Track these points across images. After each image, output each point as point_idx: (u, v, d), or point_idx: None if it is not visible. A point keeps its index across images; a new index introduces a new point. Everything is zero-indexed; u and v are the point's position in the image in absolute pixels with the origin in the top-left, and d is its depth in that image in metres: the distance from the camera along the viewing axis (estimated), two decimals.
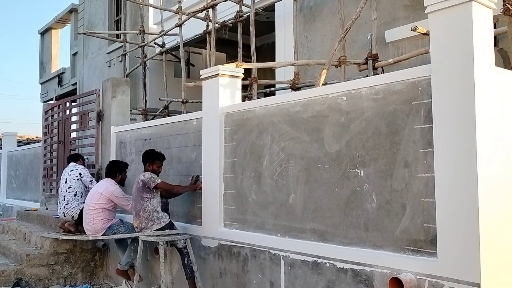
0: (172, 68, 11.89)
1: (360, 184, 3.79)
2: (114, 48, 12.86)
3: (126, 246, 6.16)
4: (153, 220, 5.37)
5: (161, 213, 5.45)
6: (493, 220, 3.10)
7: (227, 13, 8.81)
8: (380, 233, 3.64)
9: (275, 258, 4.47)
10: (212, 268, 5.28)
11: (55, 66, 19.90)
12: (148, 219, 5.38)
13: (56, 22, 19.45)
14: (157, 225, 5.37)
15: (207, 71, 5.52)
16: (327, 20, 7.47)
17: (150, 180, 5.42)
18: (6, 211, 13.29)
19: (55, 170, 9.43)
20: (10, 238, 8.38)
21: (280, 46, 8.23)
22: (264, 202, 4.69)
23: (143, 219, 5.39)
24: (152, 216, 5.37)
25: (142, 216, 5.39)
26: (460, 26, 3.13)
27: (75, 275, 7.09)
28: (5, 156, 14.17)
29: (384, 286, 3.50)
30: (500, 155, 3.22)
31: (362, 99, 3.83)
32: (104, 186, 6.18)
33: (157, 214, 5.39)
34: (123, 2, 12.74)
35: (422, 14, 3.94)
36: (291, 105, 4.46)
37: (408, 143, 3.48)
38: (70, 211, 6.74)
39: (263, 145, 4.73)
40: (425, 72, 3.39)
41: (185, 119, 6.14)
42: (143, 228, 5.42)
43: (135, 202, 5.47)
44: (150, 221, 5.38)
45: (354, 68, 6.32)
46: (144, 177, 5.45)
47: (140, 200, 5.41)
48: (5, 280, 6.49)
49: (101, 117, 7.98)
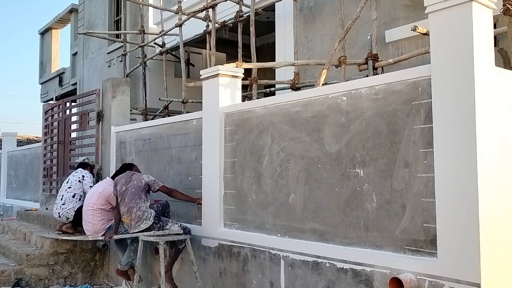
0: (172, 68, 11.89)
1: (360, 184, 3.79)
2: (114, 48, 12.86)
3: (126, 246, 6.15)
4: (143, 220, 5.42)
5: (149, 213, 5.50)
6: (493, 220, 3.10)
7: (227, 13, 8.81)
8: (380, 233, 3.64)
9: (275, 258, 4.47)
10: (212, 268, 5.28)
11: (55, 66, 19.90)
12: (140, 218, 5.42)
13: (56, 22, 19.44)
14: (145, 225, 5.41)
15: (207, 71, 5.52)
16: (327, 20, 7.47)
17: (154, 182, 5.55)
18: (6, 211, 13.28)
19: (55, 170, 9.43)
20: (10, 238, 8.38)
21: (280, 46, 8.23)
22: (264, 202, 4.69)
23: (134, 216, 5.41)
24: (144, 216, 5.43)
25: (135, 214, 5.41)
26: (460, 26, 3.13)
27: (75, 275, 7.09)
28: (5, 156, 14.17)
29: (384, 286, 3.50)
30: (500, 155, 3.22)
31: (362, 99, 3.83)
32: (103, 187, 6.15)
33: (148, 215, 5.46)
34: (123, 2, 12.75)
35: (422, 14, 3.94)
36: (291, 105, 4.46)
37: (408, 143, 3.48)
38: (65, 212, 6.67)
39: (263, 145, 4.73)
40: (425, 72, 3.39)
41: (185, 119, 6.14)
42: (132, 226, 5.44)
43: (129, 199, 5.46)
44: (140, 220, 5.42)
45: (354, 68, 6.32)
46: (148, 178, 5.56)
47: (137, 198, 5.44)
48: (5, 280, 6.49)
49: (101, 117, 7.98)
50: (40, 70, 20.54)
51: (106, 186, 6.14)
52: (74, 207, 6.65)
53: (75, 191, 6.79)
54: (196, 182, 5.73)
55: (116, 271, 6.23)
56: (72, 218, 6.64)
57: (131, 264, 5.99)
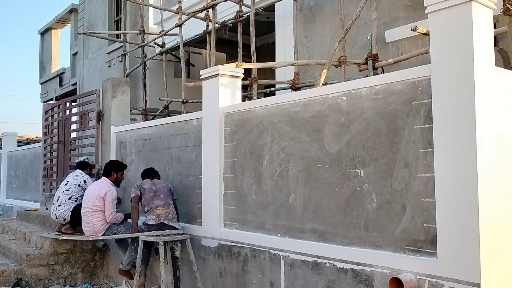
0: (172, 68, 11.88)
1: (360, 184, 3.79)
2: (114, 48, 12.85)
3: (127, 246, 6.15)
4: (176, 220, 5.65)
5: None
6: (493, 220, 3.10)
7: (227, 13, 8.81)
8: (380, 233, 3.64)
9: (275, 258, 4.47)
10: (212, 268, 5.28)
11: (55, 66, 19.90)
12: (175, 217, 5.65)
13: (56, 22, 19.44)
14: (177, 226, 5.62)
15: (207, 71, 5.52)
16: (327, 20, 7.47)
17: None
18: (6, 211, 13.28)
19: (55, 170, 9.43)
20: (10, 238, 8.38)
21: (280, 46, 8.23)
22: (264, 202, 4.69)
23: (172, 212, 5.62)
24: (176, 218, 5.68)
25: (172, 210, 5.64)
26: (460, 26, 3.13)
27: (75, 275, 7.09)
28: (5, 156, 14.17)
29: (384, 286, 3.50)
30: (500, 155, 3.22)
31: (362, 99, 3.83)
32: (99, 187, 6.10)
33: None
34: (123, 2, 12.74)
35: (422, 14, 3.94)
36: (291, 105, 4.46)
37: (408, 143, 3.48)
38: (62, 213, 6.65)
39: (263, 145, 4.73)
40: (425, 72, 3.39)
41: (185, 119, 6.14)
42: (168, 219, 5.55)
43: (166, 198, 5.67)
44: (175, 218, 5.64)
45: (354, 68, 6.32)
46: (170, 185, 5.89)
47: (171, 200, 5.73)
48: (5, 280, 6.48)
49: (101, 117, 7.98)
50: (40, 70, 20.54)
51: (102, 186, 6.10)
52: (70, 207, 6.64)
53: (72, 194, 6.75)
54: (196, 182, 5.73)
55: (118, 271, 6.25)
56: (69, 219, 6.63)
57: (133, 263, 5.99)
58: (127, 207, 6.88)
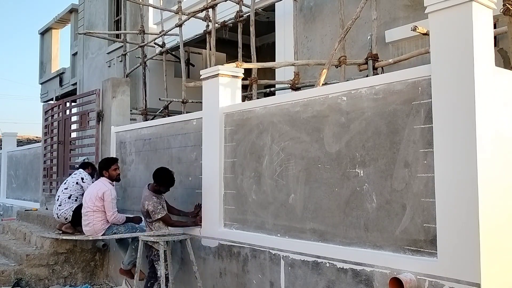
0: (172, 68, 11.89)
1: (360, 184, 3.79)
2: (114, 48, 12.85)
3: (127, 245, 6.16)
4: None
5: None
6: (493, 220, 3.10)
7: (227, 13, 8.81)
8: (380, 233, 3.64)
9: (275, 258, 4.47)
10: (212, 268, 5.28)
11: (55, 66, 19.89)
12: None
13: (56, 22, 19.44)
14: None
15: (207, 71, 5.52)
16: (327, 20, 7.46)
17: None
18: (6, 211, 13.29)
19: (55, 170, 9.43)
20: (10, 238, 8.38)
21: (280, 46, 8.23)
22: (264, 202, 4.69)
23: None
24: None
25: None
26: (460, 26, 3.12)
27: (75, 275, 7.09)
28: (5, 156, 14.18)
29: (384, 286, 3.50)
30: (500, 155, 3.22)
31: (362, 99, 3.83)
32: (98, 187, 6.11)
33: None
34: (123, 2, 12.74)
35: (422, 14, 3.94)
36: (291, 105, 4.46)
37: (408, 143, 3.48)
38: (63, 213, 6.66)
39: (263, 145, 4.73)
40: (425, 72, 3.39)
41: (185, 119, 6.14)
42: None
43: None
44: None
45: (354, 68, 6.32)
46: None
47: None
48: (5, 280, 6.49)
49: (101, 117, 7.98)
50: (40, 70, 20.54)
51: (100, 186, 6.11)
52: (71, 207, 6.64)
53: (71, 192, 6.75)
54: (196, 182, 5.73)
55: (119, 271, 6.26)
56: (71, 219, 6.64)
57: (134, 263, 6.00)
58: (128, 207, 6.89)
